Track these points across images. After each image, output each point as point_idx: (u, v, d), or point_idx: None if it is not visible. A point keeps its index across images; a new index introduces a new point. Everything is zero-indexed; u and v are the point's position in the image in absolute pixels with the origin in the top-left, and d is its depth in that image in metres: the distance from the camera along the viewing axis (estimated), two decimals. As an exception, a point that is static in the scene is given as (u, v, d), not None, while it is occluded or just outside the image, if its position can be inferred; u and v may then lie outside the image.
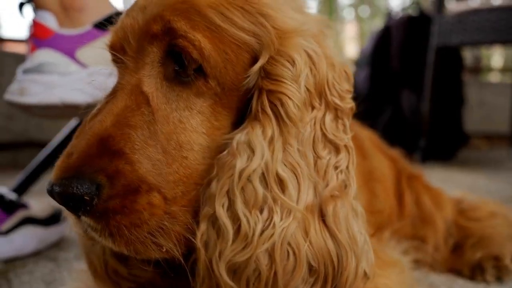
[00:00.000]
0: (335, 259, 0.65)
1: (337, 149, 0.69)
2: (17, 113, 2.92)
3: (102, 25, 1.14)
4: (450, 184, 2.37)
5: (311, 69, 0.67)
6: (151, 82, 0.68)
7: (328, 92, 0.69)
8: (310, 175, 0.66)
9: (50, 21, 1.13)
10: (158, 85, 0.68)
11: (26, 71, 1.12)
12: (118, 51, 0.71)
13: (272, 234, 0.62)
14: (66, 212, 0.67)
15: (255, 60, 0.67)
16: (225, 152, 0.66)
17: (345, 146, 0.69)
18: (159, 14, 0.66)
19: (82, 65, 1.14)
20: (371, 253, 0.69)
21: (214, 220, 0.64)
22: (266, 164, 0.63)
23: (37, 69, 1.10)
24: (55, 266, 1.26)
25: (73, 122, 1.53)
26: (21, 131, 2.97)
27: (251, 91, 0.68)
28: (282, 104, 0.65)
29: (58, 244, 1.44)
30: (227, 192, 0.63)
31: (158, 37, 0.66)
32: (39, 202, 1.46)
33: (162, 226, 0.64)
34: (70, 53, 1.12)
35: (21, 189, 1.49)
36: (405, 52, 3.62)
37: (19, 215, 1.34)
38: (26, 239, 1.32)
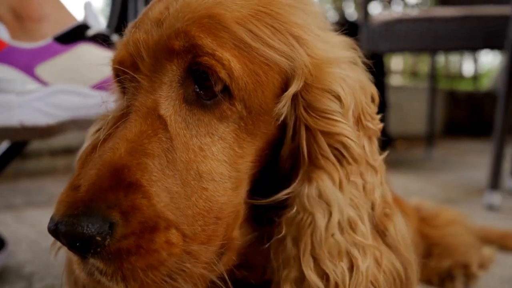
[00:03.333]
0: (403, 275, 0.66)
1: (375, 171, 0.68)
2: None
3: (65, 38, 1.05)
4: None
5: (353, 101, 0.65)
6: (169, 104, 0.61)
7: (363, 118, 0.67)
8: (364, 203, 0.65)
9: (0, 32, 1.01)
10: (177, 108, 0.62)
11: (-26, 90, 0.98)
12: (128, 68, 0.64)
13: (361, 280, 0.62)
14: (69, 253, 0.59)
15: (286, 83, 0.63)
16: (294, 210, 0.63)
17: (378, 165, 0.68)
18: (182, 29, 0.60)
19: (43, 82, 1.03)
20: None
21: (300, 283, 0.62)
22: (344, 214, 0.62)
23: (-11, 87, 0.98)
24: (2, 305, 1.12)
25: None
26: None
27: (281, 116, 0.64)
28: (346, 148, 0.63)
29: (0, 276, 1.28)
30: (311, 251, 0.62)
31: (179, 54, 0.60)
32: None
33: (183, 268, 0.58)
34: (28, 69, 1.00)
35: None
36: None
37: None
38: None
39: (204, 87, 0.61)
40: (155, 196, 0.56)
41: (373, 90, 0.70)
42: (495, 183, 2.14)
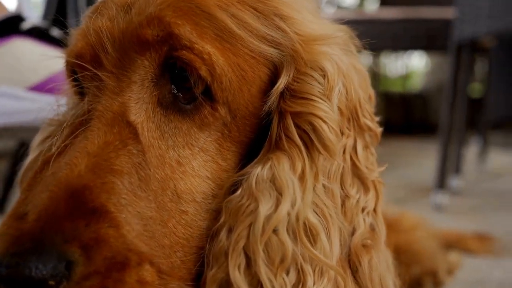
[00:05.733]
0: None
1: (365, 186, 0.57)
2: None
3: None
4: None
5: (343, 84, 0.54)
6: (140, 108, 0.51)
7: (360, 113, 0.57)
8: (338, 219, 0.53)
9: None
10: (150, 113, 0.51)
11: None
12: (89, 63, 0.52)
13: None
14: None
15: (274, 75, 0.53)
16: (238, 192, 0.51)
17: (373, 182, 0.57)
18: (156, 15, 0.49)
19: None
20: None
21: (225, 286, 0.48)
22: (297, 209, 0.49)
23: None
24: None
25: None
26: None
27: (269, 116, 0.54)
28: (315, 129, 0.51)
29: None
30: (244, 247, 0.48)
31: (152, 46, 0.50)
32: None
33: None
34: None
35: None
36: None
37: None
38: None
39: (183, 88, 0.51)
40: (125, 224, 0.45)
41: (370, 88, 0.61)
42: (442, 182, 2.15)
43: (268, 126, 0.54)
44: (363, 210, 0.56)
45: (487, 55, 3.09)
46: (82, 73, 0.53)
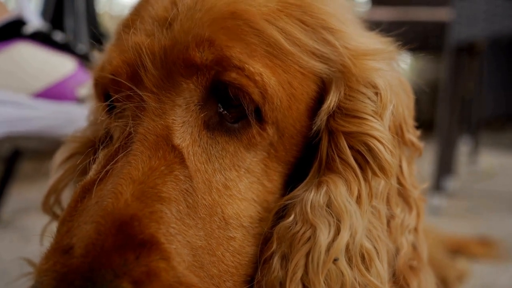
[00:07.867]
0: None
1: (409, 205, 0.55)
2: None
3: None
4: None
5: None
6: (185, 132, 0.47)
7: (405, 129, 0.54)
8: (386, 240, 0.51)
9: None
10: (196, 136, 0.47)
11: None
12: (127, 81, 0.48)
13: None
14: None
15: (322, 91, 0.51)
16: (290, 218, 0.48)
17: (415, 199, 0.56)
18: (206, 37, 0.45)
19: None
20: None
21: None
22: (357, 237, 0.47)
23: None
24: None
25: None
26: None
27: (318, 134, 0.51)
28: (371, 150, 0.49)
29: None
30: (302, 278, 0.46)
31: (200, 70, 0.46)
32: None
33: None
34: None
35: None
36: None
37: None
38: None
39: (230, 106, 0.48)
40: (176, 256, 0.42)
41: (412, 102, 0.59)
42: (439, 185, 2.14)
43: (314, 145, 0.51)
44: (405, 228, 0.55)
45: (477, 58, 3.10)
46: (121, 92, 0.49)
